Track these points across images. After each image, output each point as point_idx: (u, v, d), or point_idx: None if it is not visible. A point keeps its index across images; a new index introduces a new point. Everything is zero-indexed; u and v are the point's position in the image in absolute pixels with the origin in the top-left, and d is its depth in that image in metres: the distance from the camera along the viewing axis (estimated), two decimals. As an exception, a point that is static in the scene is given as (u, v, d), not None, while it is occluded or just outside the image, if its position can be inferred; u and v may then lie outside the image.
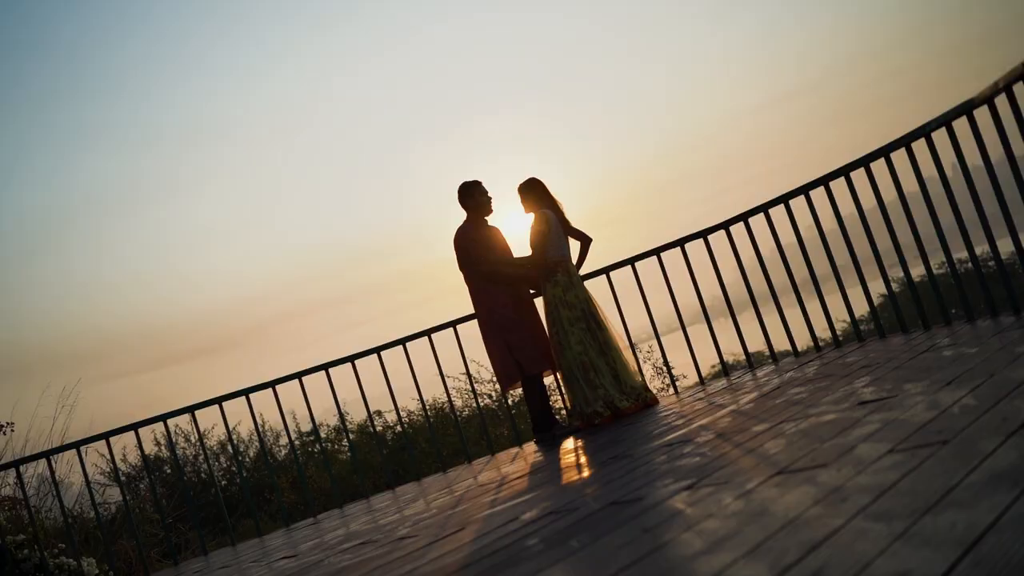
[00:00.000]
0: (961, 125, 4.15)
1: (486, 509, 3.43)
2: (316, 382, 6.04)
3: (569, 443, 4.99)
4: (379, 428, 12.10)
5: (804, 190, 5.22)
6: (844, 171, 4.94)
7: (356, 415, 13.20)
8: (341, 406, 6.17)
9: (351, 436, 11.97)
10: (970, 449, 1.88)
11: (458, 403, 11.56)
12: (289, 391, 6.00)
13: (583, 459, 4.06)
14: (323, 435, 12.76)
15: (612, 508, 2.52)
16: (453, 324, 6.09)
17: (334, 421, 12.44)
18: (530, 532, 2.57)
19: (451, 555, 2.64)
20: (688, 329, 6.11)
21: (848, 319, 5.55)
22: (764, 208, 5.50)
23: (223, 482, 12.59)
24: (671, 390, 6.33)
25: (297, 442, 12.91)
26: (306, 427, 13.01)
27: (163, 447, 12.50)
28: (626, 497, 2.62)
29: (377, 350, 6.04)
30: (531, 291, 5.80)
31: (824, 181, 5.07)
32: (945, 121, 4.19)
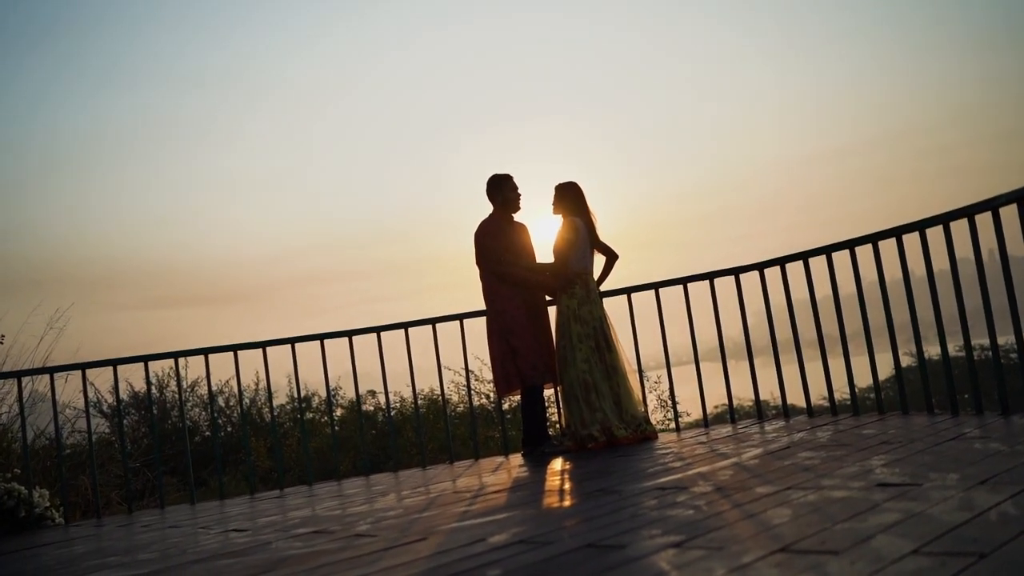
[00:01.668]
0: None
1: (454, 520, 3.17)
2: (311, 351, 5.83)
3: (557, 463, 4.73)
4: (371, 408, 11.85)
5: (849, 245, 4.93)
6: (896, 232, 4.64)
7: (350, 390, 12.97)
8: (331, 380, 5.93)
9: (338, 412, 11.76)
10: (1016, 571, 1.60)
11: (453, 399, 11.30)
12: (283, 356, 5.79)
13: (568, 485, 3.79)
14: (314, 404, 12.53)
15: (589, 551, 2.26)
16: (460, 317, 5.85)
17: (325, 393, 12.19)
18: (494, 560, 2.31)
19: (403, 568, 2.39)
20: (700, 365, 5.83)
21: (869, 383, 5.24)
22: (804, 256, 5.22)
23: (207, 433, 12.38)
24: (672, 426, 6.05)
25: (289, 407, 12.67)
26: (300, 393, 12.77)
27: (153, 387, 12.30)
28: (606, 540, 2.36)
29: (377, 330, 5.81)
30: (547, 299, 5.55)
31: (873, 239, 4.77)
32: (1018, 197, 3.89)
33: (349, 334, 5.79)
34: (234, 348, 5.59)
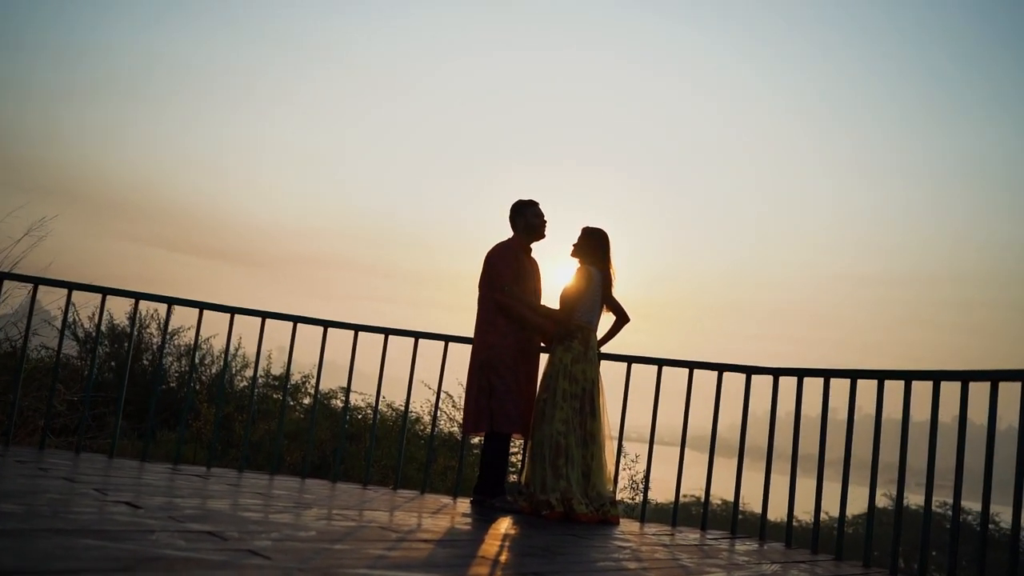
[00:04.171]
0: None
1: (365, 564, 2.72)
2: (283, 331, 5.43)
3: (503, 523, 4.26)
4: (339, 404, 11.39)
5: (879, 376, 4.48)
6: (935, 376, 4.19)
7: (326, 381, 12.53)
8: (308, 368, 5.51)
9: (306, 400, 11.30)
10: None
11: (424, 418, 10.81)
12: (273, 329, 5.41)
13: (505, 556, 3.32)
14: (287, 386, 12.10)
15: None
16: (446, 339, 5.43)
17: (298, 377, 11.74)
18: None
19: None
20: (683, 455, 5.37)
21: (857, 511, 4.72)
22: (826, 374, 4.77)
23: (172, 384, 11.95)
24: (638, 513, 5.57)
25: (261, 381, 12.22)
26: (276, 370, 12.35)
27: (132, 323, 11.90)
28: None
29: (356, 328, 5.39)
30: (541, 345, 5.13)
31: (907, 376, 4.32)
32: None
33: (325, 324, 5.37)
34: (200, 305, 5.18)
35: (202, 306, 5.19)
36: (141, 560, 2.37)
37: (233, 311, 5.23)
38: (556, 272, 5.27)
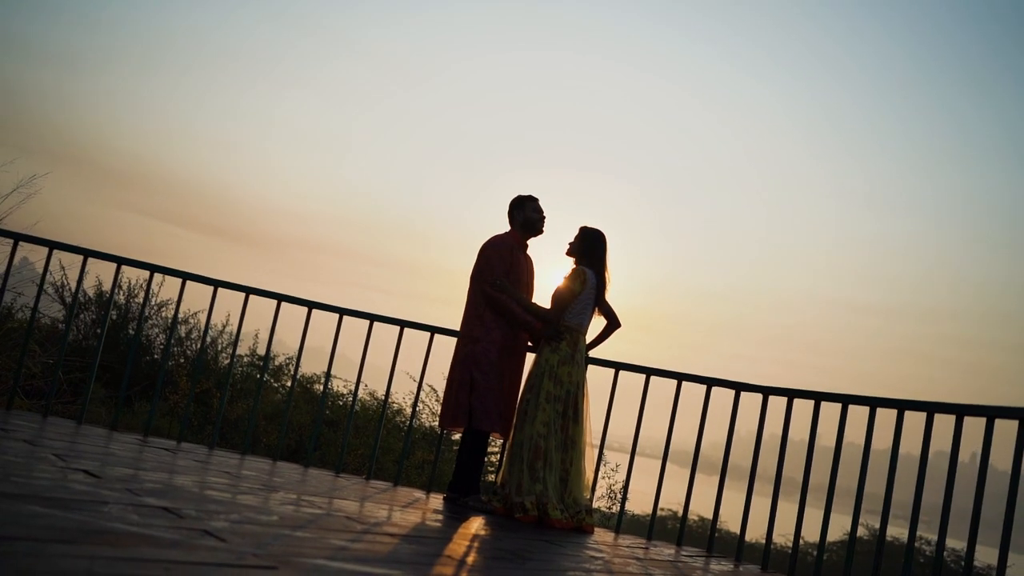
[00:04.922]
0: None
1: (325, 554, 2.60)
2: (267, 309, 5.30)
3: (475, 523, 4.14)
4: (320, 387, 11.24)
5: (872, 403, 4.36)
6: (929, 407, 4.08)
7: (313, 365, 12.40)
8: (282, 347, 5.38)
9: (289, 383, 11.16)
10: None
11: (406, 411, 10.67)
12: (259, 306, 5.28)
13: (472, 558, 3.20)
14: (271, 366, 11.97)
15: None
16: (432, 330, 5.30)
17: (283, 359, 11.61)
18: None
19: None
20: (664, 467, 5.26)
21: (837, 536, 4.60)
22: (817, 396, 4.65)
23: (156, 356, 11.81)
24: (613, 523, 5.45)
25: (246, 360, 12.07)
26: (263, 350, 12.20)
27: (122, 292, 11.76)
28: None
29: (340, 311, 5.26)
30: (528, 344, 5.01)
31: (900, 406, 4.20)
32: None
33: (310, 305, 5.24)
34: (184, 276, 5.04)
35: (185, 276, 5.05)
36: (87, 532, 2.25)
37: (216, 284, 5.10)
38: (553, 273, 5.16)
